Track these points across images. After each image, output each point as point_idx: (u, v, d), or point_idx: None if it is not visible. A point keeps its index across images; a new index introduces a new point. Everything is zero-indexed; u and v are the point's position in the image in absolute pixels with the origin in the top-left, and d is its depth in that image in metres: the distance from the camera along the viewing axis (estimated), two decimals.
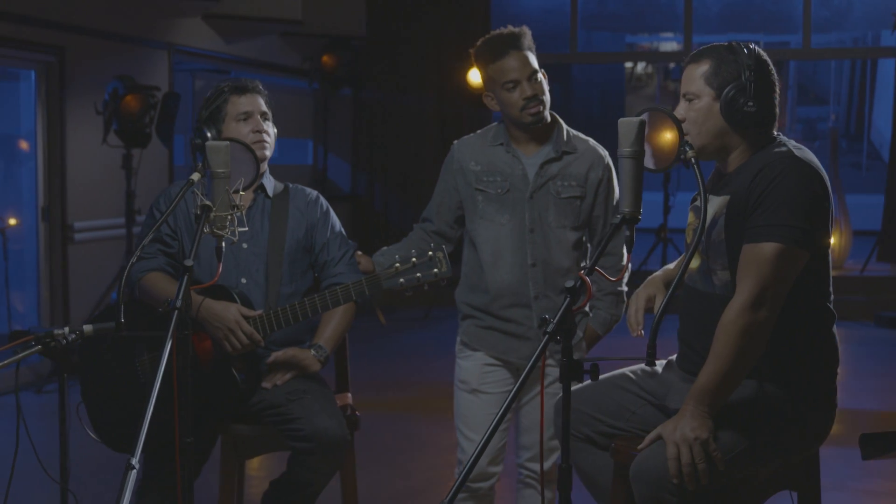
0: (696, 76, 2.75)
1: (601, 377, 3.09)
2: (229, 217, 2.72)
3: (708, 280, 2.77)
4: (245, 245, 3.28)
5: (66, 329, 2.67)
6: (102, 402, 3.25)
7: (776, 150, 2.69)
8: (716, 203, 2.76)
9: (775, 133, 2.76)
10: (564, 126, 3.48)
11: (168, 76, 7.93)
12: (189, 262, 2.52)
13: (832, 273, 2.79)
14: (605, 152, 3.51)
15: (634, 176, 2.46)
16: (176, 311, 2.44)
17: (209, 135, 3.24)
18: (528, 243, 3.40)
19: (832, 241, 9.70)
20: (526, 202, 3.40)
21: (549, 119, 3.42)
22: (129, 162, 6.94)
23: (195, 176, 2.90)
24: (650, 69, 20.28)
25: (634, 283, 3.16)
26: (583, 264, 3.49)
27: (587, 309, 3.51)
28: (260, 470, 4.84)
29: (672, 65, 20.66)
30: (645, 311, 2.98)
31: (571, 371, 2.32)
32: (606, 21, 14.00)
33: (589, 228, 3.49)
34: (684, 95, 2.78)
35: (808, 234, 2.59)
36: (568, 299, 2.33)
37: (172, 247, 3.31)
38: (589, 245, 3.53)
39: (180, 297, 2.46)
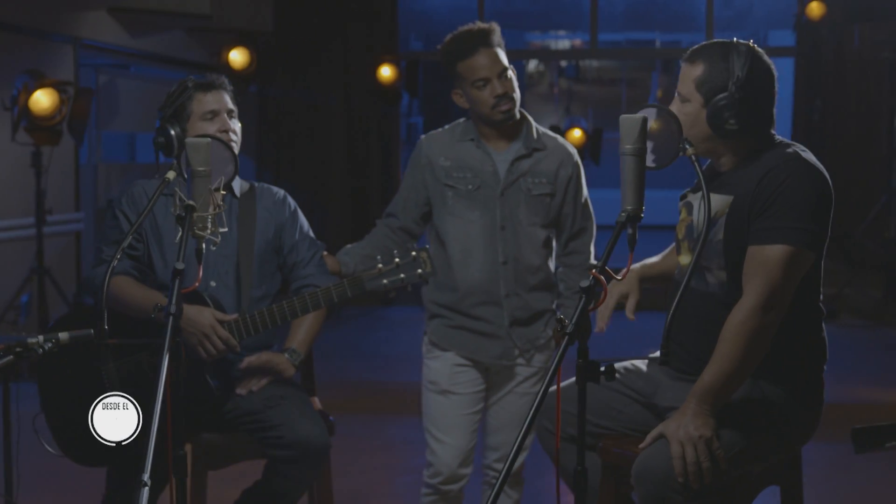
0: (689, 78, 2.73)
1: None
2: (210, 217, 2.61)
3: (700, 278, 2.77)
4: (213, 247, 3.15)
5: (41, 337, 2.52)
6: (65, 412, 3.07)
7: (782, 151, 2.68)
8: (713, 201, 2.74)
9: (772, 132, 2.76)
10: (533, 123, 3.45)
11: (74, 71, 7.64)
12: (180, 266, 2.40)
13: None
14: (573, 150, 3.49)
15: (637, 173, 2.43)
16: (171, 317, 2.32)
17: (173, 133, 3.11)
18: (500, 241, 3.36)
19: None
20: (497, 199, 3.36)
21: (518, 116, 3.39)
22: (39, 160, 6.66)
23: (170, 174, 2.77)
24: (542, 67, 20.50)
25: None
26: (550, 266, 3.46)
27: (554, 307, 3.49)
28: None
29: (564, 63, 20.97)
30: (615, 308, 2.96)
31: (588, 372, 2.28)
32: (514, 19, 14.02)
33: (557, 226, 3.46)
34: (678, 93, 2.76)
35: (815, 236, 2.60)
36: (584, 299, 2.29)
37: (138, 249, 3.16)
38: (555, 243, 3.50)
39: (174, 302, 2.34)
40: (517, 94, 3.36)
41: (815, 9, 9.08)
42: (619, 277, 2.49)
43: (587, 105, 18.52)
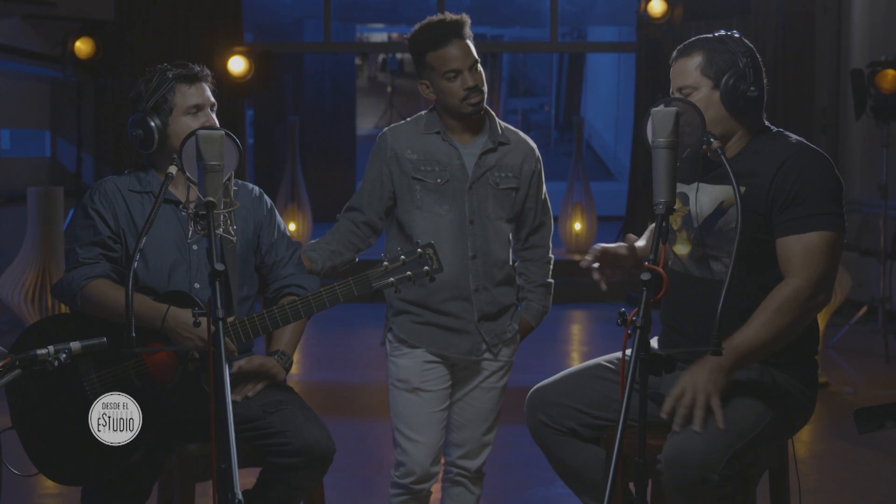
0: (690, 69, 2.79)
1: (576, 368, 3.09)
2: (224, 215, 2.48)
3: (705, 266, 2.82)
4: (195, 247, 2.98)
5: (51, 348, 2.31)
6: (42, 427, 2.84)
7: (787, 140, 2.78)
8: (715, 191, 2.80)
9: (765, 120, 2.86)
10: (496, 117, 3.43)
11: None
12: (220, 266, 2.26)
13: None
14: (534, 144, 3.49)
15: (670, 166, 2.47)
16: (220, 322, 2.18)
17: (153, 125, 2.92)
18: (469, 235, 3.33)
19: (578, 227, 10.09)
20: (465, 193, 3.33)
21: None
22: None
23: (172, 169, 2.62)
24: (359, 60, 20.45)
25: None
26: (510, 261, 3.45)
27: (516, 301, 3.49)
28: None
29: (381, 56, 21.04)
30: (604, 259, 2.99)
31: (651, 365, 2.29)
32: (359, 11, 13.90)
33: (518, 220, 3.46)
34: (679, 90, 2.80)
35: (843, 219, 2.73)
36: (646, 292, 2.29)
37: (116, 251, 2.94)
38: (512, 238, 3.49)
39: (220, 305, 2.21)
40: (485, 88, 3.34)
41: (655, 7, 9.42)
42: (659, 269, 2.51)
43: (409, 98, 18.62)
